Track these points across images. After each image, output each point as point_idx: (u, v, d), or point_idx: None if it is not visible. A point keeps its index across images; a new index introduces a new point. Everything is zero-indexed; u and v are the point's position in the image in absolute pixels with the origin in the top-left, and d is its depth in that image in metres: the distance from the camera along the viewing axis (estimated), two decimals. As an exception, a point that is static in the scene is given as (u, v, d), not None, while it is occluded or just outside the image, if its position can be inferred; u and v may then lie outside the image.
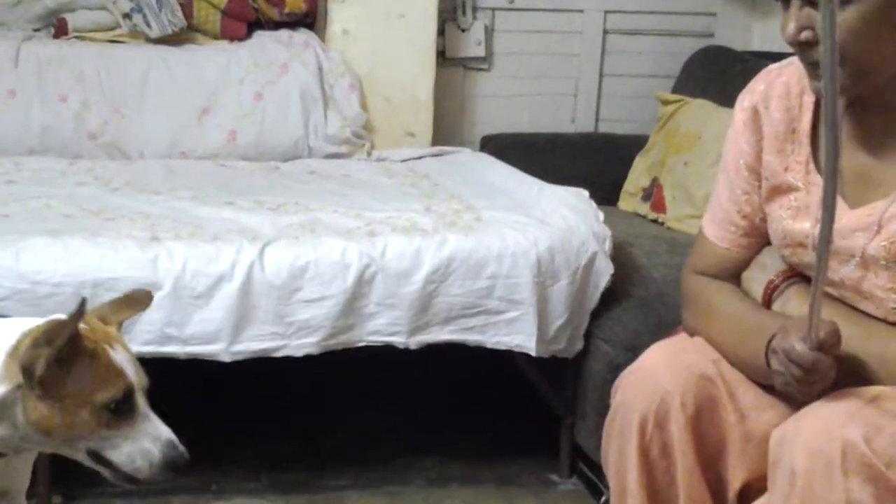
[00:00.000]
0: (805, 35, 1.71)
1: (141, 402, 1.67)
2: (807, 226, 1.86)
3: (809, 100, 1.87)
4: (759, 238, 1.99)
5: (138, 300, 1.86)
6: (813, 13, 1.69)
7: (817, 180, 1.86)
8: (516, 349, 2.82)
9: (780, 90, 1.90)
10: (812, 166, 1.87)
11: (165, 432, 1.66)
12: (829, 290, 1.87)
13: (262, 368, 2.81)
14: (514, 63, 4.24)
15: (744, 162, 1.95)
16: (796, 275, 1.93)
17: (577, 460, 3.06)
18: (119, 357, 1.67)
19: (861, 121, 1.82)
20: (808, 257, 1.87)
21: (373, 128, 3.86)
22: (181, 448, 1.66)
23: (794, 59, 1.90)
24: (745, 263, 2.00)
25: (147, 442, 1.65)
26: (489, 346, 2.81)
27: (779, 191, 1.91)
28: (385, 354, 2.79)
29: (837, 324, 1.73)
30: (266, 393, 3.42)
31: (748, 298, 1.97)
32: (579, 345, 2.89)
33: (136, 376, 1.68)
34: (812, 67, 1.74)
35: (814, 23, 1.69)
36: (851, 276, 1.82)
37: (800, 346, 1.69)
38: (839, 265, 1.83)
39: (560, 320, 2.83)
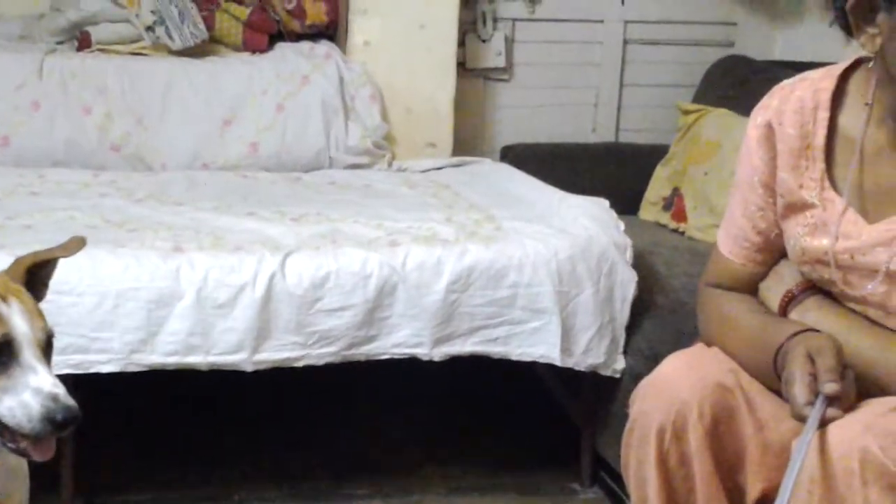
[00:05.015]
0: None
1: (27, 354, 1.63)
2: (825, 242, 1.85)
3: (824, 115, 1.86)
4: (773, 253, 1.98)
5: (64, 247, 1.82)
6: None
7: (833, 196, 1.85)
8: (541, 360, 2.82)
9: (795, 105, 1.88)
10: (827, 182, 1.86)
11: (48, 385, 1.61)
12: (853, 306, 1.87)
13: (282, 377, 2.83)
14: (535, 73, 4.24)
15: (758, 179, 1.94)
16: (815, 286, 1.93)
17: (598, 469, 3.06)
18: (6, 309, 1.64)
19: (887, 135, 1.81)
20: (829, 274, 1.86)
21: (393, 139, 3.87)
22: (65, 402, 1.60)
23: (808, 75, 1.91)
24: (760, 278, 2.00)
25: (27, 395, 1.61)
26: (514, 358, 2.81)
27: (794, 208, 1.90)
28: (406, 363, 2.79)
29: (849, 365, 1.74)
30: (287, 402, 3.43)
31: (762, 308, 1.96)
32: (620, 362, 2.86)
33: (25, 328, 1.64)
34: None
35: None
36: (876, 293, 1.81)
37: (800, 401, 1.71)
38: (861, 281, 1.83)
39: (589, 332, 2.82)
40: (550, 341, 2.79)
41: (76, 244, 1.83)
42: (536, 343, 2.80)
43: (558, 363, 2.81)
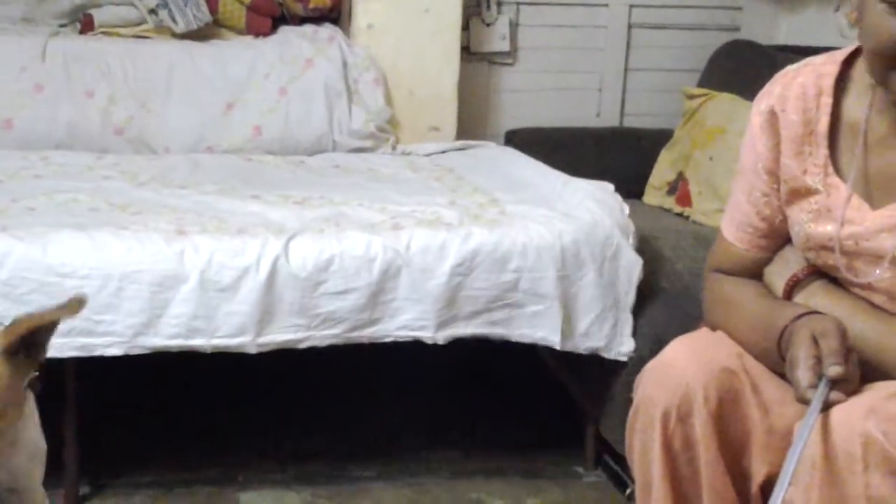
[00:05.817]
0: None
1: None
2: (829, 229, 1.85)
3: (827, 101, 1.86)
4: (778, 239, 1.98)
5: (68, 307, 1.71)
6: None
7: (837, 182, 1.85)
8: (541, 342, 2.81)
9: (797, 91, 1.88)
10: (831, 168, 1.86)
11: None
12: (858, 292, 1.87)
13: (287, 361, 2.83)
14: (539, 57, 4.24)
15: (762, 165, 1.93)
16: (820, 270, 1.92)
17: (602, 453, 3.06)
18: None
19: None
20: (833, 260, 1.86)
21: (397, 122, 3.87)
22: None
23: (811, 60, 1.90)
24: (765, 263, 1.99)
25: None
26: (514, 339, 2.81)
27: (798, 194, 1.90)
28: (410, 346, 2.79)
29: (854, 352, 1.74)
30: (291, 385, 3.44)
31: (767, 292, 1.96)
32: (626, 345, 2.83)
33: None
34: None
35: None
36: (883, 278, 1.81)
37: (804, 383, 1.70)
38: (866, 267, 1.82)
39: (590, 316, 2.80)
40: (551, 325, 2.78)
41: (76, 304, 1.70)
42: (537, 326, 2.79)
43: (558, 347, 2.80)
